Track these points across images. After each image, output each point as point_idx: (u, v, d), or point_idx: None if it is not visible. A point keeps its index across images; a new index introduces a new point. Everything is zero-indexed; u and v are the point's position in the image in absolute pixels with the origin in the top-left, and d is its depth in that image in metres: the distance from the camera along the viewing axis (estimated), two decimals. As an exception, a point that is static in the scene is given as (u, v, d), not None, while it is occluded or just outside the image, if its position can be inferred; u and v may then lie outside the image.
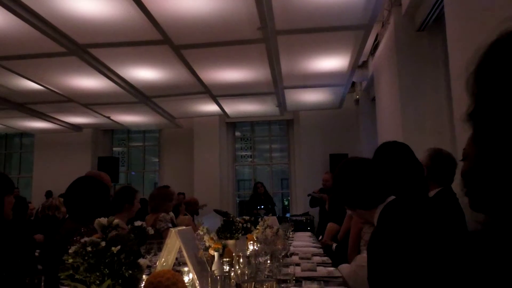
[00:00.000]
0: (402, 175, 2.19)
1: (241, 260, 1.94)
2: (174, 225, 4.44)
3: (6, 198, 2.45)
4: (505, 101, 0.74)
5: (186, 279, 1.70)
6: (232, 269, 1.96)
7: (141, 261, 1.29)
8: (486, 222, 0.85)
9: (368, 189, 1.86)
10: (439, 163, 2.81)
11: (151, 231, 2.45)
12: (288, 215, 11.22)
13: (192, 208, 6.73)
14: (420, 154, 2.90)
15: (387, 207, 1.81)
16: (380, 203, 1.84)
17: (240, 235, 3.13)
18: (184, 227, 1.90)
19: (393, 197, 1.86)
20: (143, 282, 1.38)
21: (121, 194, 3.82)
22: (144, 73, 7.33)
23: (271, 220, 4.41)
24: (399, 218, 1.74)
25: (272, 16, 5.29)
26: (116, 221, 1.28)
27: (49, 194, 10.02)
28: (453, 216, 2.50)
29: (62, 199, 5.15)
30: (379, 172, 1.89)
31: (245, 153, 12.57)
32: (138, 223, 2.47)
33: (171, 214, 4.99)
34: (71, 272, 1.19)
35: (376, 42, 7.51)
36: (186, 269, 1.78)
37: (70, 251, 1.20)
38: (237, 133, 12.59)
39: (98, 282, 1.18)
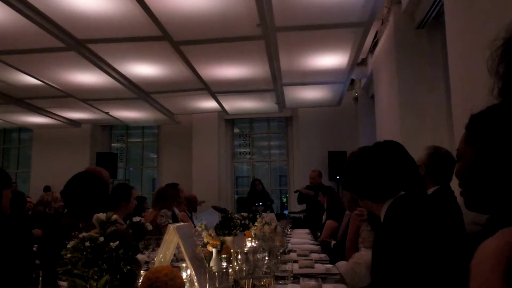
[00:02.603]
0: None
1: (239, 256, 1.95)
2: (176, 221, 4.45)
3: (4, 192, 2.45)
4: None
5: (184, 275, 1.71)
6: (230, 265, 1.96)
7: (139, 256, 1.29)
8: (485, 223, 0.85)
9: (380, 182, 1.82)
10: (438, 161, 2.80)
11: (149, 227, 2.45)
12: (286, 212, 11.23)
13: (190, 204, 6.73)
14: (419, 152, 2.90)
15: (395, 202, 1.79)
16: (390, 198, 1.81)
17: (238, 231, 3.14)
18: (182, 223, 1.91)
19: (402, 192, 1.83)
20: (141, 278, 1.38)
21: (117, 191, 3.80)
22: (143, 69, 7.32)
23: (269, 217, 4.41)
24: (406, 215, 1.73)
25: (271, 13, 5.29)
26: (114, 216, 1.28)
27: (47, 189, 10.00)
28: (451, 214, 2.51)
29: (55, 195, 5.16)
30: (394, 166, 1.85)
31: (244, 150, 12.57)
32: (136, 218, 2.47)
33: (177, 211, 5.02)
34: (69, 267, 1.19)
35: (376, 39, 7.50)
36: (184, 265, 1.78)
37: (68, 246, 1.20)
38: (236, 130, 12.59)
39: (96, 277, 1.18)
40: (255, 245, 2.92)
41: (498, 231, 0.76)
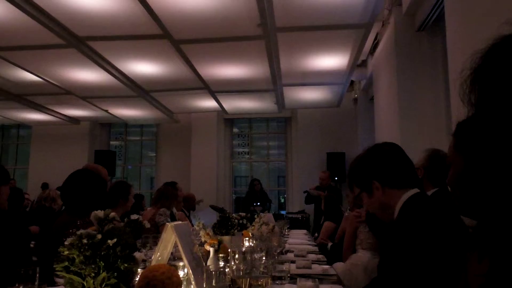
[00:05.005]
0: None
1: (236, 256, 1.94)
2: (174, 220, 4.45)
3: (2, 188, 2.44)
4: (505, 106, 0.73)
5: (181, 273, 1.70)
6: (227, 264, 1.96)
7: (137, 254, 1.29)
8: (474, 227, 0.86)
9: (402, 167, 1.86)
10: (437, 163, 2.81)
11: (147, 224, 2.45)
12: (283, 212, 11.24)
13: (189, 203, 6.73)
14: (418, 154, 2.90)
15: (412, 197, 1.78)
16: (409, 187, 1.81)
17: (236, 231, 3.14)
18: (180, 222, 1.91)
19: (417, 190, 1.83)
20: (138, 276, 1.38)
21: (115, 189, 3.80)
22: (143, 67, 7.31)
23: (267, 217, 4.41)
24: (425, 211, 1.72)
25: (272, 13, 5.29)
26: (112, 214, 1.28)
27: (45, 186, 10.01)
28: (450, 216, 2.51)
29: (59, 192, 5.16)
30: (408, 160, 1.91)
31: (243, 149, 12.56)
32: (134, 216, 2.47)
33: (174, 210, 5.02)
34: (66, 264, 1.19)
35: (376, 41, 7.51)
36: (181, 264, 1.77)
37: (66, 243, 1.20)
38: (235, 130, 12.58)
39: (93, 274, 1.18)
40: (252, 245, 2.92)
41: (486, 236, 0.77)
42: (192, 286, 1.65)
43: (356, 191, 1.97)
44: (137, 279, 1.36)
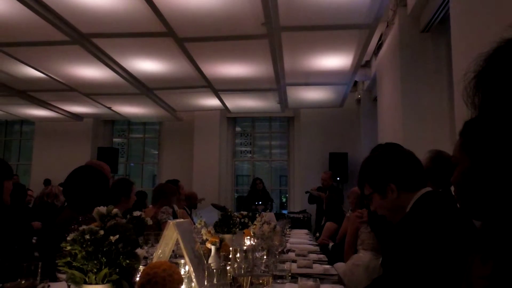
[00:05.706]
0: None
1: (238, 254, 1.94)
2: (176, 218, 4.45)
3: (5, 183, 2.45)
4: (509, 109, 0.73)
5: (182, 271, 1.71)
6: (229, 262, 1.96)
7: (138, 251, 1.29)
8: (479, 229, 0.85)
9: (415, 168, 1.85)
10: (440, 165, 2.80)
11: (149, 221, 2.45)
12: (285, 212, 11.24)
13: (190, 201, 6.73)
14: (421, 155, 2.90)
15: (426, 195, 1.78)
16: (421, 188, 1.81)
17: (238, 230, 3.14)
18: (182, 220, 1.91)
19: (429, 188, 1.82)
20: (140, 273, 1.38)
21: (117, 186, 3.80)
22: (146, 65, 7.32)
23: (269, 216, 4.41)
24: (437, 208, 1.71)
25: (276, 12, 5.28)
26: (115, 210, 1.28)
27: (47, 182, 10.02)
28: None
29: (61, 188, 5.17)
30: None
31: (245, 148, 12.56)
32: (137, 213, 2.47)
33: (176, 208, 5.03)
34: (68, 259, 1.19)
35: (380, 42, 7.50)
36: (182, 261, 1.78)
37: (68, 238, 1.20)
38: (238, 129, 12.58)
39: (95, 270, 1.18)
40: (254, 243, 2.92)
41: (490, 237, 0.76)
42: (193, 283, 1.66)
43: (368, 191, 1.94)
44: (138, 275, 1.36)
